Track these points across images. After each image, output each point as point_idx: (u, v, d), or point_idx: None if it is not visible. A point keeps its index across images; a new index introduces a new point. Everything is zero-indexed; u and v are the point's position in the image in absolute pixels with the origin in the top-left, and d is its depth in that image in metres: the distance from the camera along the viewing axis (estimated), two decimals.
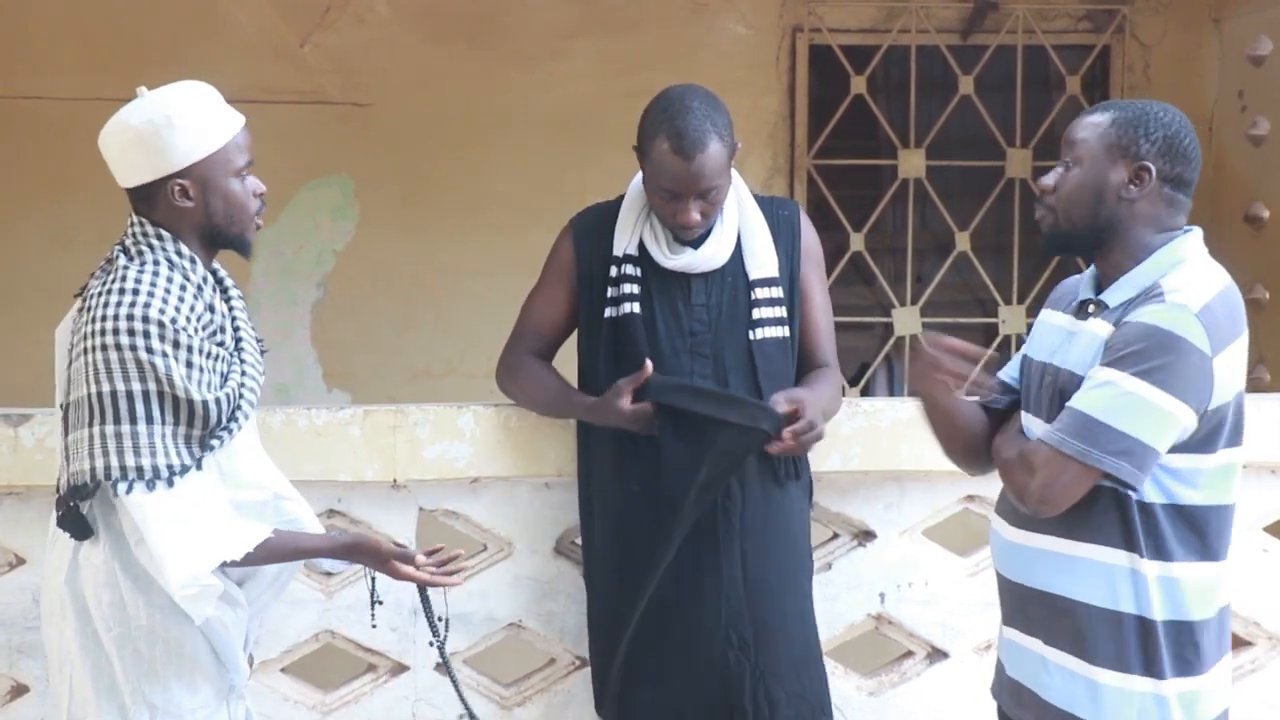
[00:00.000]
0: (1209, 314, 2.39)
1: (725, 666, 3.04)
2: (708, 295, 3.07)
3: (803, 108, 5.92)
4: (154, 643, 2.58)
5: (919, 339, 2.77)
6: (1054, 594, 2.53)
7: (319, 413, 3.29)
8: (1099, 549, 2.47)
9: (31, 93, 5.60)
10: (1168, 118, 2.50)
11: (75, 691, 2.62)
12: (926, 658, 3.50)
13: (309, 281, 5.90)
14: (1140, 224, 2.50)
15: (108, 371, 2.46)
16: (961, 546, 3.50)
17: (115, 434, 2.47)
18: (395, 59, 5.75)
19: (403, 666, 3.39)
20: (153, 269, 2.53)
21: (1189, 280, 2.43)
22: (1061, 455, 2.40)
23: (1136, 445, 2.36)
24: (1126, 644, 2.46)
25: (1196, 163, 2.51)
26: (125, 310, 2.46)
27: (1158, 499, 2.44)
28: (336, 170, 5.84)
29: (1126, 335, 2.40)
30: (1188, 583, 2.45)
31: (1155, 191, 2.48)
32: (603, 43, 5.76)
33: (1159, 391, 2.35)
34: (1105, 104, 2.56)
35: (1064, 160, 2.55)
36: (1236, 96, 5.73)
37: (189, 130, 2.54)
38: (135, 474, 2.47)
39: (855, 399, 3.62)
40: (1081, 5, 5.93)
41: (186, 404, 2.49)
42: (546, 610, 3.39)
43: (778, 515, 3.08)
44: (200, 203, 2.58)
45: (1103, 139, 2.49)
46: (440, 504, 3.36)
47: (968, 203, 5.98)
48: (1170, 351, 2.35)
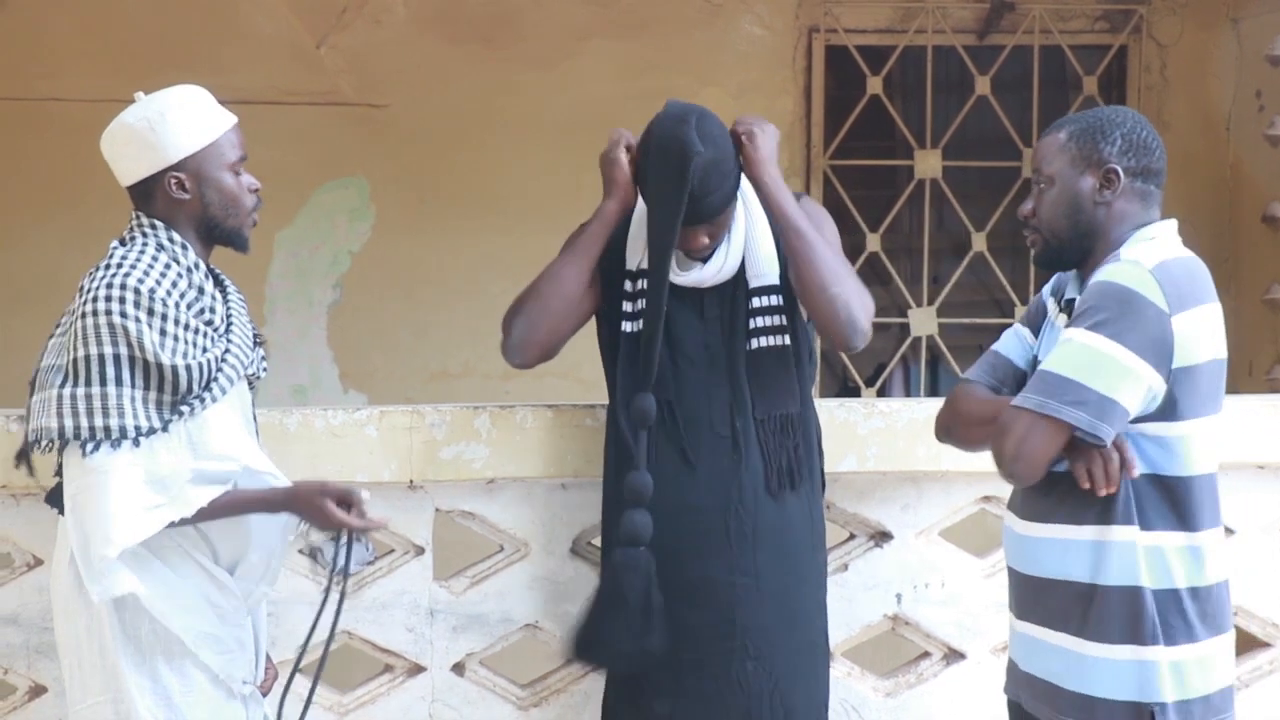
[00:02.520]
0: (1164, 270, 2.46)
1: (743, 677, 3.04)
2: (720, 308, 3.07)
3: (819, 108, 5.92)
4: (139, 621, 2.63)
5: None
6: (1057, 579, 2.58)
7: (335, 413, 3.30)
8: (1095, 529, 2.53)
9: (49, 94, 5.63)
10: (1119, 118, 2.61)
11: (77, 676, 2.67)
12: (943, 659, 3.50)
13: (325, 283, 5.91)
14: (1117, 222, 2.60)
15: (84, 337, 2.55)
16: (978, 547, 3.50)
17: (85, 395, 2.55)
18: (411, 60, 5.76)
19: (419, 667, 3.39)
20: (139, 248, 2.64)
21: (1149, 246, 2.53)
22: (1026, 412, 2.47)
23: (1091, 395, 2.43)
24: (1121, 615, 2.51)
25: (1160, 152, 2.61)
26: (106, 280, 2.57)
27: (1142, 470, 2.50)
28: (352, 171, 5.85)
29: (1085, 296, 2.52)
30: (1172, 551, 2.51)
31: (1128, 189, 2.59)
32: (618, 44, 5.77)
33: (1113, 344, 2.42)
34: (1058, 123, 2.68)
35: (1036, 185, 2.66)
36: (1254, 96, 5.71)
37: (181, 125, 2.66)
38: (103, 433, 2.54)
39: (872, 400, 3.62)
40: (1098, 5, 5.91)
41: (156, 368, 2.56)
42: (563, 611, 3.39)
43: (789, 521, 3.06)
44: (196, 195, 2.68)
45: (1065, 154, 2.61)
46: (457, 505, 3.37)
47: (984, 203, 5.98)
48: (1123, 303, 2.43)
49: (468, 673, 3.41)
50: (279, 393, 5.54)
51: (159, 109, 2.66)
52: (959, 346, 6.07)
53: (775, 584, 3.04)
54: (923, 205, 5.96)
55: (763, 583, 3.03)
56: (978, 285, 6.13)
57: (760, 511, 3.03)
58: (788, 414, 3.06)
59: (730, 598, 3.02)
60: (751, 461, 3.03)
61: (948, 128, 5.93)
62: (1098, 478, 2.48)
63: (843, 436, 3.32)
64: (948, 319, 6.01)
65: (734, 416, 3.03)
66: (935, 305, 6.00)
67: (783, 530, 3.05)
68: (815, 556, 3.15)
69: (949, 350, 5.98)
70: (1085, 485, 2.49)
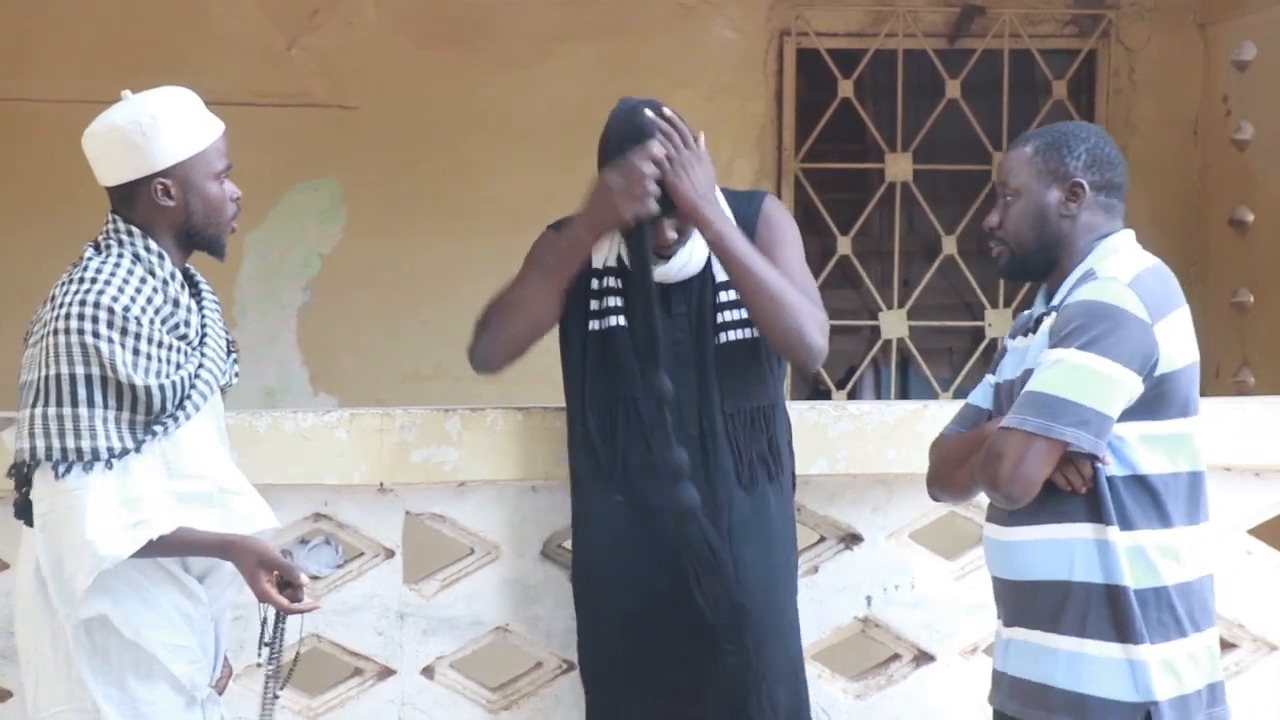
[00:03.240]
0: (1140, 283, 2.54)
1: (728, 672, 3.05)
2: (687, 304, 3.07)
3: (790, 112, 5.92)
4: (107, 634, 2.61)
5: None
6: (1039, 580, 2.62)
7: (305, 416, 3.29)
8: (1074, 526, 2.57)
9: (20, 95, 5.59)
10: (1084, 133, 2.69)
11: (40, 685, 2.65)
12: (913, 660, 3.51)
13: (295, 285, 5.88)
14: (1081, 234, 2.66)
15: (55, 356, 2.53)
16: (948, 549, 3.51)
17: (56, 415, 2.52)
18: (383, 62, 5.74)
19: (389, 671, 3.38)
20: (115, 260, 2.61)
21: (1118, 261, 2.60)
22: (1025, 434, 2.50)
23: (1092, 414, 2.49)
24: (1100, 613, 2.55)
25: (1121, 167, 2.69)
26: (79, 297, 2.54)
27: (1121, 471, 2.55)
28: (324, 173, 5.83)
29: (1066, 315, 2.56)
30: (1153, 549, 2.55)
31: (1092, 202, 2.66)
32: (591, 46, 5.76)
33: (1104, 360, 2.48)
34: (1023, 136, 2.74)
35: (1002, 198, 2.71)
36: (1221, 101, 5.75)
37: (173, 131, 2.62)
38: (75, 455, 2.52)
39: (842, 402, 3.63)
40: (1067, 10, 5.94)
41: (129, 389, 2.54)
42: (533, 614, 3.39)
43: (763, 516, 3.08)
44: (181, 202, 2.65)
45: (1032, 167, 2.67)
46: (427, 507, 3.36)
47: (955, 206, 5.99)
48: (1108, 319, 2.49)
49: (438, 676, 3.40)
50: (248, 395, 5.50)
51: (151, 112, 2.61)
52: (929, 349, 6.09)
53: (752, 577, 3.04)
54: (893, 208, 5.98)
55: (741, 575, 3.03)
56: (948, 288, 6.15)
57: (734, 506, 3.04)
58: (758, 407, 3.07)
59: (710, 594, 3.01)
60: (721, 460, 3.04)
61: (918, 131, 5.94)
62: (1075, 480, 2.54)
63: (813, 439, 3.33)
64: (918, 322, 6.02)
65: (701, 415, 3.04)
66: (906, 308, 6.01)
67: (758, 521, 3.06)
68: (789, 550, 3.17)
69: (919, 353, 5.99)
70: (1065, 488, 2.55)
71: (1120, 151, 2.71)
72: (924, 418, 3.35)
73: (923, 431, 3.31)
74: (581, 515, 3.17)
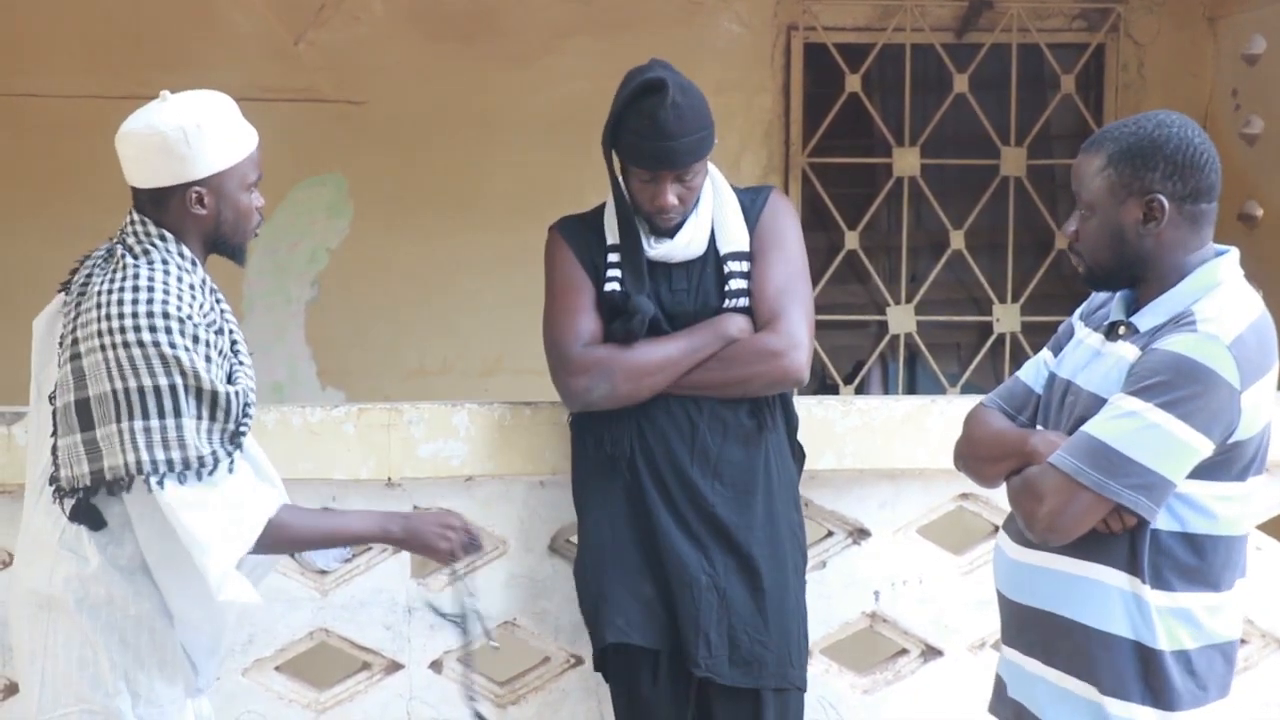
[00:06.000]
0: (1241, 346, 2.31)
1: (698, 597, 3.06)
2: (689, 280, 3.10)
3: (797, 106, 5.92)
4: (140, 632, 2.61)
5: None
6: (1055, 614, 2.46)
7: (313, 411, 3.29)
8: (1102, 569, 2.39)
9: (26, 90, 5.59)
10: (1163, 135, 2.39)
11: (47, 684, 2.63)
12: (921, 655, 3.51)
13: (303, 280, 5.89)
14: (1168, 250, 2.41)
15: (132, 368, 2.49)
16: (956, 545, 3.51)
17: (145, 429, 2.50)
18: (390, 57, 5.74)
19: (397, 665, 3.39)
20: (162, 268, 2.58)
21: (1222, 309, 2.35)
22: (1074, 483, 2.32)
23: (1158, 480, 2.30)
24: (1126, 670, 2.38)
25: (1210, 164, 2.40)
26: (144, 308, 2.50)
27: (1168, 526, 2.37)
28: (331, 168, 5.83)
29: (1153, 363, 2.32)
30: (1191, 612, 2.38)
31: (1174, 216, 2.39)
32: (598, 41, 5.76)
33: (1183, 425, 2.28)
34: (1098, 139, 2.46)
35: (1079, 209, 2.47)
36: (1230, 95, 5.74)
37: (216, 141, 2.61)
38: (167, 467, 2.50)
39: (850, 397, 3.63)
40: (1076, 4, 5.93)
41: (211, 395, 2.53)
42: (541, 609, 3.39)
43: (753, 452, 3.10)
44: (213, 211, 2.64)
45: (1104, 181, 2.41)
46: (435, 502, 3.36)
47: (962, 201, 5.99)
48: (1198, 383, 2.28)
49: (445, 670, 3.41)
50: (257, 390, 5.51)
51: (196, 120, 2.58)
52: (937, 344, 6.08)
53: (742, 496, 3.08)
54: (901, 203, 5.97)
55: (726, 487, 3.07)
56: (955, 283, 6.14)
57: (724, 449, 3.07)
58: None
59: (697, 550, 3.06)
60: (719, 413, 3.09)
61: (926, 126, 5.93)
62: (1115, 526, 2.36)
63: (821, 434, 3.33)
64: (925, 317, 6.01)
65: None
66: (913, 303, 6.01)
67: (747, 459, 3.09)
68: (790, 511, 3.17)
69: (927, 348, 5.99)
70: (1102, 531, 2.37)
71: (1208, 140, 2.42)
72: (932, 413, 3.35)
73: (930, 427, 3.32)
74: (582, 505, 3.19)
